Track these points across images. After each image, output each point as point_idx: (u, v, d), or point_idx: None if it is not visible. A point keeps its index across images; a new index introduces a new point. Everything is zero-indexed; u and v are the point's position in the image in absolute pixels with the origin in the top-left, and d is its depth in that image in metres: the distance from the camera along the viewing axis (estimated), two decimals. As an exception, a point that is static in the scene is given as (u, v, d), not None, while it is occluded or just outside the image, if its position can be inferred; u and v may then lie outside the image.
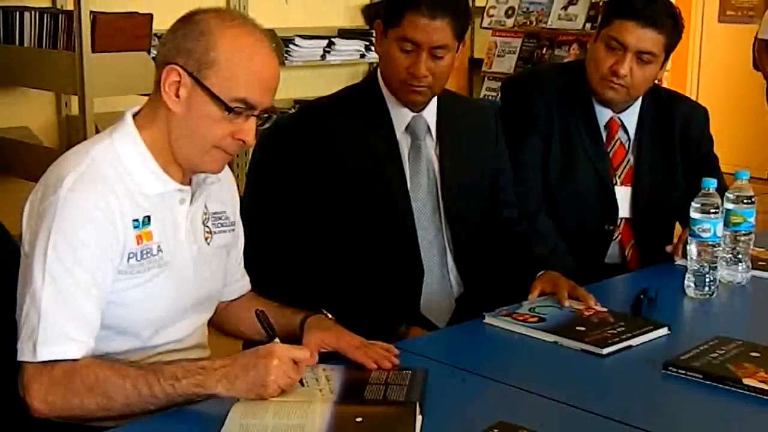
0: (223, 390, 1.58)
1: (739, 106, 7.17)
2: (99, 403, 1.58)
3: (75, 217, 1.61)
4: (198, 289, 1.81)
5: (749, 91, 6.62)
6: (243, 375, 1.58)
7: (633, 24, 2.46)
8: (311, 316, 1.90)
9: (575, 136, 2.62)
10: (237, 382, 1.57)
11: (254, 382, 1.57)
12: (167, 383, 1.57)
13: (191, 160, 1.73)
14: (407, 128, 2.29)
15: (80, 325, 1.61)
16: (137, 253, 1.69)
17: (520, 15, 6.02)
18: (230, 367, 1.59)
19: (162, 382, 1.57)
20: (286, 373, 1.59)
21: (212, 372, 1.58)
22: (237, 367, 1.59)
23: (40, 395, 1.58)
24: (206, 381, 1.58)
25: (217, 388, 1.57)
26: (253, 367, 1.58)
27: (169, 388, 1.57)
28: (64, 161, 1.70)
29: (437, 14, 2.12)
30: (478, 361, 1.88)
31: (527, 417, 1.58)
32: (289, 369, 1.60)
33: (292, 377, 1.60)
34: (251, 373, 1.58)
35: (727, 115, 5.73)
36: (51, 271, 1.60)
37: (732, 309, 2.30)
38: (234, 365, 1.59)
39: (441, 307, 2.33)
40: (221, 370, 1.58)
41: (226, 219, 1.89)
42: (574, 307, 2.12)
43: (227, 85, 1.66)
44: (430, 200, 2.31)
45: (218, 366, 1.59)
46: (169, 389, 1.57)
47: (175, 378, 1.57)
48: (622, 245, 2.67)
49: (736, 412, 1.68)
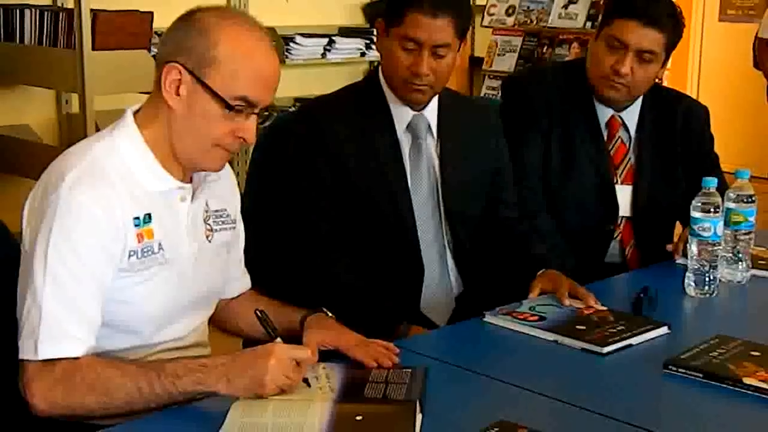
0: (222, 388, 1.58)
1: (739, 104, 7.16)
2: (100, 402, 1.58)
3: (76, 215, 1.61)
4: (199, 286, 1.81)
5: (750, 90, 6.61)
6: (241, 374, 1.58)
7: (634, 23, 2.46)
8: (311, 314, 1.90)
9: (576, 134, 2.62)
10: (236, 380, 1.58)
11: (252, 381, 1.57)
12: (168, 381, 1.57)
13: (192, 158, 1.74)
14: (408, 127, 2.29)
15: (81, 323, 1.61)
16: (138, 251, 1.69)
17: (521, 14, 6.02)
18: (230, 366, 1.59)
19: (163, 380, 1.57)
20: (284, 373, 1.59)
21: (213, 370, 1.58)
22: (236, 365, 1.59)
23: (41, 393, 1.58)
24: (207, 379, 1.58)
25: (218, 385, 1.58)
26: (252, 366, 1.58)
27: (170, 386, 1.57)
28: (65, 159, 1.70)
29: (439, 13, 2.12)
30: (478, 359, 1.88)
31: (527, 415, 1.58)
32: (288, 369, 1.60)
33: (290, 377, 1.60)
34: (249, 372, 1.58)
35: (728, 113, 5.73)
36: (52, 269, 1.60)
37: (732, 308, 2.30)
38: (234, 364, 1.59)
39: (441, 306, 2.33)
40: (221, 368, 1.59)
41: (227, 217, 1.89)
42: (574, 306, 2.12)
43: (228, 83, 1.66)
44: (430, 199, 2.31)
45: (219, 364, 1.59)
46: (170, 387, 1.57)
47: (175, 376, 1.57)
48: (622, 244, 2.67)
49: (736, 411, 1.68)
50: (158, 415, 1.59)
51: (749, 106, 6.86)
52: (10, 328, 1.64)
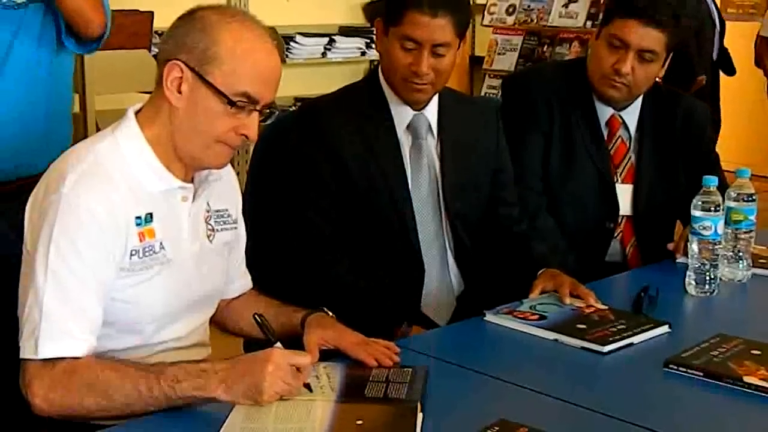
0: (222, 394, 1.57)
1: (740, 103, 7.16)
2: (98, 403, 1.58)
3: (77, 214, 1.61)
4: (200, 286, 1.82)
5: (751, 89, 6.61)
6: (240, 380, 1.57)
7: (635, 22, 2.46)
8: (312, 314, 1.90)
9: (576, 133, 2.62)
10: (235, 386, 1.56)
11: (250, 388, 1.56)
12: (167, 385, 1.56)
13: (194, 156, 1.74)
14: (408, 126, 2.29)
15: (82, 322, 1.62)
16: (139, 251, 1.69)
17: (521, 13, 6.02)
18: (229, 371, 1.58)
19: (162, 384, 1.56)
20: (283, 379, 1.58)
21: (212, 375, 1.57)
22: (235, 371, 1.58)
23: (41, 393, 1.58)
24: (206, 384, 1.57)
25: (217, 391, 1.56)
26: (250, 373, 1.57)
27: (169, 390, 1.56)
28: (67, 159, 1.70)
29: (438, 12, 2.12)
30: (479, 359, 1.88)
31: (528, 415, 1.58)
32: (287, 375, 1.58)
33: (290, 383, 1.59)
34: (247, 379, 1.57)
35: (729, 112, 5.72)
36: (53, 269, 1.60)
37: (733, 307, 2.30)
38: (233, 369, 1.58)
39: (441, 305, 2.33)
40: (221, 373, 1.57)
41: (229, 217, 1.89)
42: (575, 304, 2.12)
43: (229, 80, 1.67)
44: (430, 198, 2.31)
45: (218, 369, 1.58)
46: (169, 391, 1.56)
47: (175, 380, 1.57)
48: (623, 243, 2.67)
49: (737, 410, 1.68)
50: (158, 416, 1.59)
51: (750, 104, 6.86)
52: (12, 327, 1.65)
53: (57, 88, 2.31)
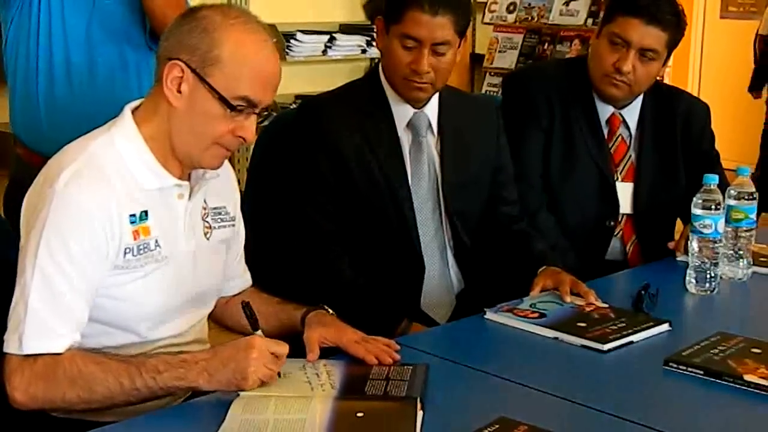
0: (204, 382, 1.59)
1: (740, 102, 7.16)
2: (81, 396, 1.59)
3: (69, 211, 1.61)
4: (197, 284, 1.82)
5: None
6: (223, 367, 1.59)
7: (637, 21, 2.46)
8: (312, 311, 1.90)
9: (576, 132, 2.62)
10: (217, 374, 1.59)
11: (235, 374, 1.59)
12: (149, 376, 1.58)
13: (190, 156, 1.74)
14: (409, 124, 2.29)
15: (66, 320, 1.62)
16: (134, 248, 1.69)
17: (522, 10, 6.02)
18: (211, 360, 1.61)
19: (144, 375, 1.58)
20: (266, 365, 1.61)
21: (193, 365, 1.60)
22: (218, 359, 1.61)
23: (21, 387, 1.58)
24: (187, 374, 1.59)
25: (198, 380, 1.59)
26: (233, 360, 1.60)
27: (151, 381, 1.58)
28: (63, 155, 1.70)
29: (439, 11, 2.12)
30: (479, 356, 1.88)
31: (528, 413, 1.58)
32: (269, 361, 1.62)
33: (272, 369, 1.62)
34: (231, 365, 1.59)
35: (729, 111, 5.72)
36: (41, 265, 1.60)
37: (733, 305, 2.30)
38: (215, 358, 1.61)
39: (441, 303, 2.33)
40: (202, 363, 1.60)
41: (226, 214, 1.89)
42: (575, 303, 2.12)
43: (230, 84, 1.67)
44: (431, 196, 2.31)
45: (199, 359, 1.61)
46: (151, 382, 1.58)
47: (156, 371, 1.59)
48: (623, 241, 2.67)
49: (737, 408, 1.68)
50: (159, 412, 1.60)
51: (750, 103, 6.86)
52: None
53: (141, 87, 2.37)
